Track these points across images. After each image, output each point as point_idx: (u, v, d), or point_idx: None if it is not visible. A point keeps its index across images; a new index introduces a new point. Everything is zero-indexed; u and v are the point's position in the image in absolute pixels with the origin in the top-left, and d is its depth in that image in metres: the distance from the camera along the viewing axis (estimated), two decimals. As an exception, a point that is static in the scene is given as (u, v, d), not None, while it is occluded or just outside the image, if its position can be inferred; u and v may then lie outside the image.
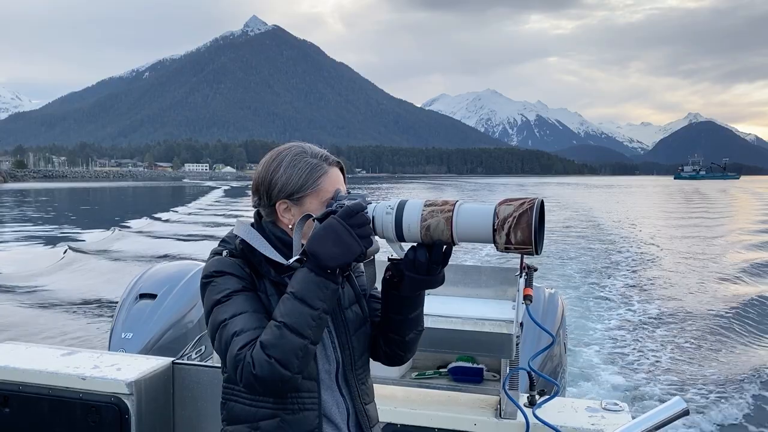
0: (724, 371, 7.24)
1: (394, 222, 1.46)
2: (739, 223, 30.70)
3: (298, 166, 1.60)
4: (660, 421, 1.89)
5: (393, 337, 1.69)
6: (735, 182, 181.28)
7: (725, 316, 9.88)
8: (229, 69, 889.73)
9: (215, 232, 23.70)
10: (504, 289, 2.87)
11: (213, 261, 1.59)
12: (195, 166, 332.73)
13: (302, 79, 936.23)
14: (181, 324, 3.70)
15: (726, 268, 15.36)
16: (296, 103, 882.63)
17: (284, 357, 1.42)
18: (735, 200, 58.64)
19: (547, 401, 2.10)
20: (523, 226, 1.33)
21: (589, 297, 11.47)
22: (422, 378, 2.75)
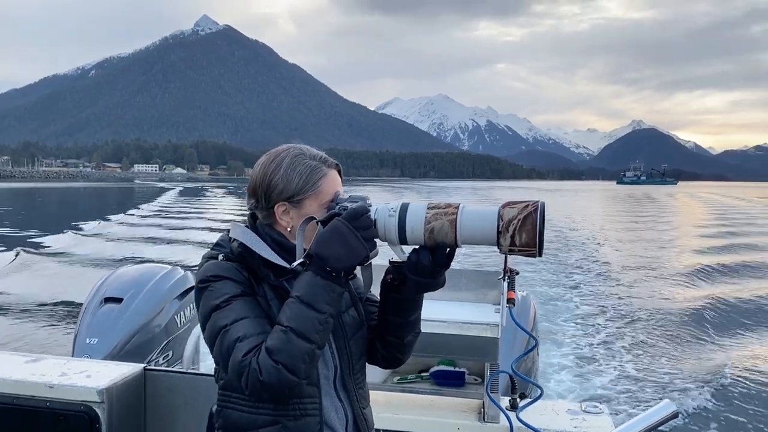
0: (684, 371, 7.45)
1: (397, 224, 1.44)
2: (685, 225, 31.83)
3: (297, 168, 1.57)
4: (650, 424, 1.89)
5: (391, 339, 1.67)
6: (673, 187, 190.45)
7: (682, 317, 10.16)
8: (179, 68, 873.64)
9: (176, 235, 23.16)
10: (484, 292, 2.87)
11: (209, 265, 1.55)
12: (145, 167, 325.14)
13: (254, 80, 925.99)
14: (148, 329, 3.58)
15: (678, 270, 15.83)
16: (248, 104, 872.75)
17: (292, 362, 1.40)
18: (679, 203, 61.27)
19: (530, 404, 2.09)
20: (528, 228, 1.33)
21: (546, 299, 11.66)
22: (404, 383, 2.73)
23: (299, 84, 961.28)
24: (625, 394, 6.72)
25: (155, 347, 3.59)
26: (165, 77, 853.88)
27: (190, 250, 18.33)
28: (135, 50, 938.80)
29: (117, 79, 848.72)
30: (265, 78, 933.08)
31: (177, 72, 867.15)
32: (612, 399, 6.46)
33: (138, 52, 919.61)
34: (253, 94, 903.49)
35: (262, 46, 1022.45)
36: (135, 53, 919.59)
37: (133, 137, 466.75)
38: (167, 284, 3.80)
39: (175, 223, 28.74)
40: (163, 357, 3.62)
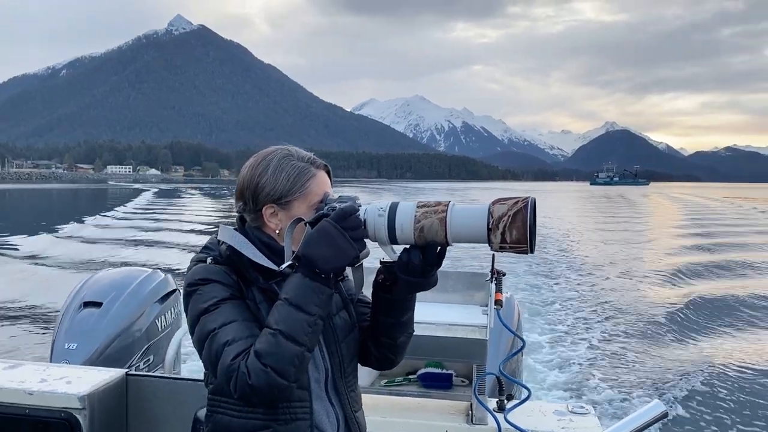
0: (661, 369, 7.53)
1: (387, 224, 1.43)
2: (660, 225, 32.29)
3: (285, 170, 1.55)
4: (641, 424, 1.90)
5: (384, 340, 1.66)
6: (646, 188, 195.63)
7: (661, 316, 10.27)
8: (152, 68, 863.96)
9: (153, 237, 22.81)
10: (471, 293, 2.87)
11: (197, 268, 1.53)
12: (118, 168, 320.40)
13: (229, 80, 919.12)
14: (128, 333, 3.51)
15: (655, 269, 16.02)
16: (223, 105, 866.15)
17: (281, 365, 1.38)
18: (653, 203, 62.35)
19: (518, 405, 2.09)
20: (519, 225, 1.32)
21: (526, 299, 11.73)
22: (392, 385, 2.71)
23: (275, 84, 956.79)
24: (606, 392, 6.76)
25: (136, 352, 3.53)
26: (138, 77, 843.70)
27: (168, 253, 18.08)
28: (107, 50, 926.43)
29: (89, 79, 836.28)
30: (240, 78, 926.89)
31: (150, 72, 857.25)
32: (595, 398, 6.50)
33: (110, 51, 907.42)
34: (228, 95, 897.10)
35: (237, 46, 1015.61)
36: (107, 53, 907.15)
37: (106, 138, 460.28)
38: (148, 288, 3.74)
39: (152, 225, 28.31)
40: (143, 362, 3.56)
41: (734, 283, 13.69)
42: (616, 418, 5.79)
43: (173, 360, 3.11)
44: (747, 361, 7.77)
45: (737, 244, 21.60)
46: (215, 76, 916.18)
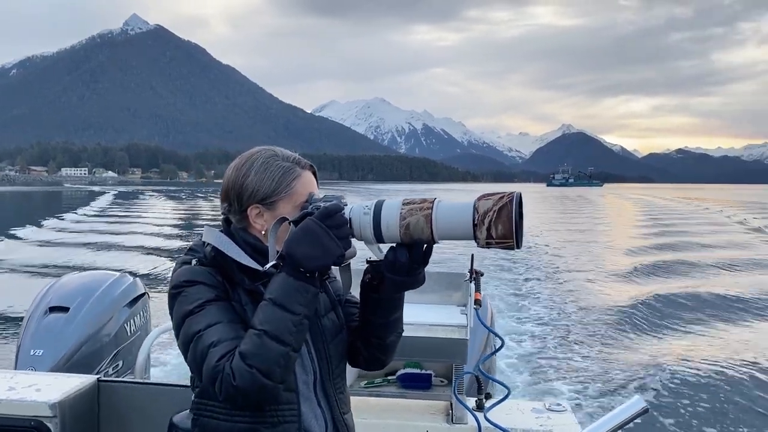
0: (625, 367, 7.68)
1: (372, 222, 1.41)
2: (618, 224, 33.02)
3: (270, 170, 1.55)
4: (622, 420, 1.90)
5: (373, 341, 1.65)
6: (599, 189, 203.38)
7: (624, 313, 10.50)
8: (107, 68, 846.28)
9: (116, 240, 22.24)
10: (449, 294, 2.89)
11: (183, 270, 1.52)
12: (73, 171, 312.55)
13: (187, 81, 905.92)
14: (96, 338, 3.42)
15: (617, 268, 16.38)
16: (181, 106, 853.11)
17: (266, 366, 1.37)
18: (608, 202, 63.96)
19: (497, 404, 2.10)
20: (504, 220, 1.30)
21: (493, 299, 11.84)
22: (371, 386, 2.71)
23: (234, 85, 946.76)
24: (578, 390, 6.87)
25: (104, 357, 3.45)
26: (92, 77, 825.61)
27: (133, 256, 17.70)
28: (60, 49, 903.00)
29: (40, 78, 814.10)
30: (198, 79, 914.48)
31: (105, 72, 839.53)
32: (566, 395, 6.61)
33: (63, 51, 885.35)
34: (185, 96, 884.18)
35: (195, 46, 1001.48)
36: (60, 52, 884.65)
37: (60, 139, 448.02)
38: (116, 292, 3.65)
39: (114, 228, 27.61)
40: (113, 367, 3.48)
41: (693, 281, 14.05)
42: (588, 413, 5.90)
43: (144, 365, 3.03)
44: (711, 354, 8.04)
45: (695, 243, 22.19)
46: (172, 76, 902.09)
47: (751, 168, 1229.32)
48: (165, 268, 15.13)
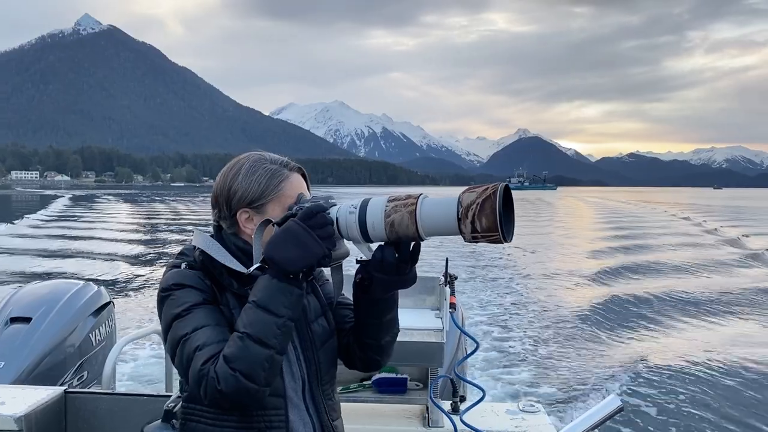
0: (596, 367, 7.80)
1: (358, 221, 1.38)
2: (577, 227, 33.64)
3: (257, 173, 1.54)
4: (599, 419, 1.91)
5: (369, 342, 1.63)
6: (554, 192, 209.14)
7: (590, 314, 10.65)
8: (58, 69, 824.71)
9: (78, 246, 21.45)
10: (423, 298, 2.91)
11: (171, 273, 1.53)
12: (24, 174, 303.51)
13: (141, 83, 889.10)
14: (60, 349, 3.32)
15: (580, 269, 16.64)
16: (135, 108, 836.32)
17: (249, 369, 1.36)
18: (565, 204, 65.20)
19: (473, 406, 2.13)
20: (488, 212, 1.25)
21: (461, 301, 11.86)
22: (346, 392, 2.70)
23: (190, 88, 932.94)
24: (550, 390, 6.96)
25: (69, 368, 3.34)
26: (43, 78, 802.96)
27: (93, 263, 17.12)
28: (8, 49, 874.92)
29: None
30: (152, 81, 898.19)
31: (57, 73, 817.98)
32: (539, 396, 6.68)
33: (11, 51, 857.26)
34: (140, 98, 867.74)
35: (150, 47, 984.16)
36: (8, 52, 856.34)
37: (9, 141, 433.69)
38: (80, 301, 3.54)
39: (72, 233, 26.55)
40: (77, 378, 3.38)
41: (654, 281, 14.42)
42: (562, 413, 5.99)
43: (111, 375, 2.96)
44: (676, 351, 8.27)
45: (653, 244, 22.74)
46: (127, 78, 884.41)
47: (699, 171, 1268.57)
48: (129, 276, 14.79)
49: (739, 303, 11.86)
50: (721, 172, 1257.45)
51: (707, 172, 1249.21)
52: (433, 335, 2.55)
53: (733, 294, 12.64)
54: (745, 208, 66.44)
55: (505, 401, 4.89)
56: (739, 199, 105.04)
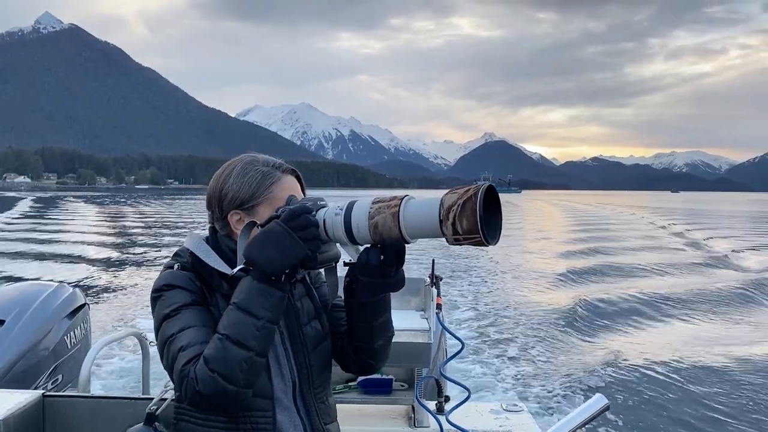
0: (578, 366, 7.88)
1: (343, 223, 1.36)
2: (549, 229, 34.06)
3: (248, 175, 1.55)
4: (585, 418, 1.92)
5: (361, 345, 1.62)
6: (518, 195, 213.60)
7: (569, 314, 10.73)
8: (18, 69, 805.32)
9: (44, 248, 20.85)
10: (408, 299, 2.92)
11: (164, 274, 1.54)
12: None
13: (104, 83, 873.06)
14: (34, 352, 3.23)
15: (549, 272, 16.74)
16: (98, 109, 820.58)
17: (227, 371, 1.36)
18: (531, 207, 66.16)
19: (458, 406, 2.15)
20: (468, 214, 1.22)
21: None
22: (333, 393, 2.70)
23: (154, 88, 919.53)
24: (533, 390, 6.99)
25: (43, 372, 3.26)
26: (1, 77, 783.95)
27: (63, 265, 16.66)
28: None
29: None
30: (116, 81, 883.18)
31: (16, 72, 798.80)
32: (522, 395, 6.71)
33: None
34: (103, 98, 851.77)
35: (113, 47, 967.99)
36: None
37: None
38: (55, 303, 3.46)
39: (38, 235, 25.78)
40: (52, 382, 3.30)
41: (626, 283, 14.57)
42: (544, 412, 6.04)
43: (87, 378, 2.90)
44: (652, 351, 8.40)
45: (622, 247, 23.04)
46: (89, 78, 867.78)
47: (660, 175, 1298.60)
48: (104, 277, 14.47)
49: (704, 303, 12.11)
50: (682, 176, 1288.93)
51: (668, 176, 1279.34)
52: (419, 336, 2.57)
53: (703, 294, 12.88)
54: (704, 210, 68.37)
55: (490, 401, 4.93)
56: (697, 203, 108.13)
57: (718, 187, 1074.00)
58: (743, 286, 13.84)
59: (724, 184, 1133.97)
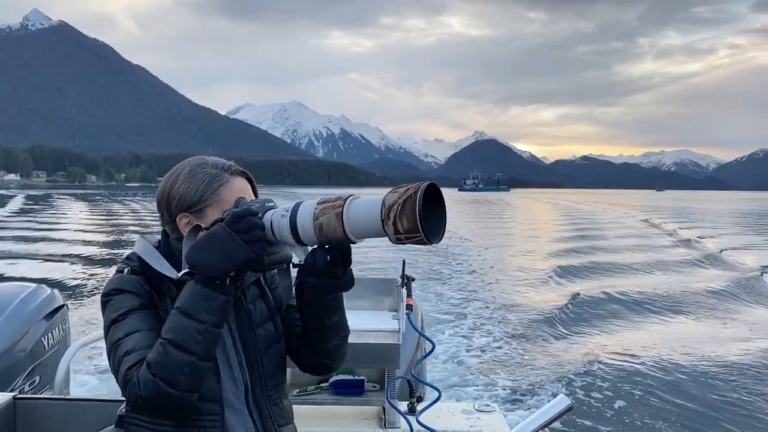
0: (548, 366, 7.91)
1: (289, 225, 1.35)
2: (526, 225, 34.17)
3: (196, 177, 1.53)
4: (548, 419, 1.96)
5: (315, 346, 1.61)
6: (507, 193, 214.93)
7: (543, 314, 10.79)
8: (6, 67, 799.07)
9: (30, 248, 20.59)
10: (380, 299, 2.93)
11: (113, 278, 1.53)
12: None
13: (94, 81, 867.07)
14: (11, 354, 3.23)
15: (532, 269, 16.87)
16: (88, 107, 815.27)
17: (169, 375, 1.35)
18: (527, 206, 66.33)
19: (429, 407, 2.18)
20: (408, 213, 1.20)
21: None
22: (304, 394, 2.72)
23: (144, 86, 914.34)
24: (505, 390, 7.04)
25: (19, 374, 3.27)
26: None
27: (47, 265, 16.45)
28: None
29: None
30: (105, 79, 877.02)
31: (4, 70, 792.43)
32: (494, 395, 6.76)
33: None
34: (92, 96, 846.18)
35: (103, 45, 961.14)
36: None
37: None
38: (32, 304, 3.46)
39: (27, 234, 25.45)
40: (29, 384, 3.30)
41: (605, 281, 14.65)
42: (514, 411, 6.09)
43: (63, 380, 2.90)
44: (629, 350, 8.46)
45: (607, 246, 23.10)
46: (78, 76, 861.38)
47: (649, 174, 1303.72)
48: (83, 278, 14.33)
49: (690, 302, 12.15)
50: (670, 175, 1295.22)
51: (657, 175, 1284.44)
52: (390, 337, 2.58)
53: (685, 293, 12.96)
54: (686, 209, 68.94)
55: (462, 401, 4.96)
56: (683, 201, 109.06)
57: (705, 185, 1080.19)
58: (724, 284, 13.95)
59: (711, 183, 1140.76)
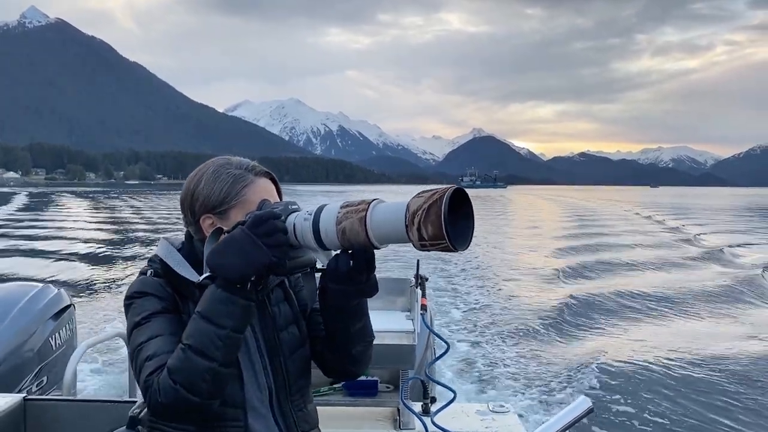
0: (564, 366, 7.82)
1: (312, 228, 1.31)
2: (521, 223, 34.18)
3: (220, 178, 1.51)
4: (570, 420, 1.93)
5: (339, 351, 1.58)
6: (504, 190, 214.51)
7: (555, 314, 10.69)
8: (3, 64, 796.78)
9: (35, 246, 20.41)
10: (392, 299, 2.91)
11: (136, 281, 1.52)
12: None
13: (91, 79, 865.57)
14: (18, 354, 3.21)
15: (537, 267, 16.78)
16: (86, 104, 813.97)
17: (189, 382, 1.32)
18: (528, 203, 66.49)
19: (444, 407, 2.15)
20: (433, 219, 1.16)
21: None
22: (317, 395, 2.68)
23: (142, 84, 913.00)
24: (520, 390, 6.97)
25: (27, 374, 3.24)
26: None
27: (56, 265, 16.26)
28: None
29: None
30: (103, 77, 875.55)
31: (2, 68, 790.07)
32: (508, 396, 6.66)
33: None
34: (91, 94, 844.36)
35: (100, 42, 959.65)
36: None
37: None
38: (40, 304, 3.44)
39: (30, 232, 25.19)
40: (36, 384, 3.28)
41: (615, 280, 14.53)
42: (530, 412, 6.03)
43: (71, 381, 2.87)
44: (639, 349, 8.41)
45: (614, 243, 22.86)
46: (76, 73, 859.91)
47: (647, 170, 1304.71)
48: (90, 278, 14.22)
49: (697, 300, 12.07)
50: (668, 171, 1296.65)
51: (654, 171, 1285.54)
52: (404, 337, 2.56)
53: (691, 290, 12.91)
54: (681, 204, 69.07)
55: (476, 402, 4.94)
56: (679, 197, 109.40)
57: (703, 182, 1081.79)
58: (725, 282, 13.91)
59: (709, 180, 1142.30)
